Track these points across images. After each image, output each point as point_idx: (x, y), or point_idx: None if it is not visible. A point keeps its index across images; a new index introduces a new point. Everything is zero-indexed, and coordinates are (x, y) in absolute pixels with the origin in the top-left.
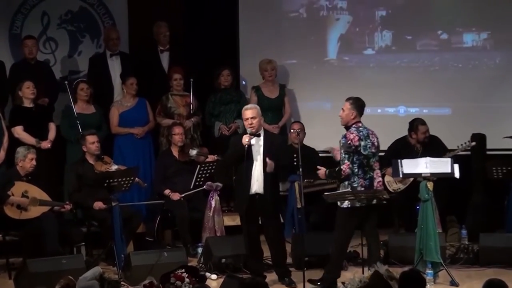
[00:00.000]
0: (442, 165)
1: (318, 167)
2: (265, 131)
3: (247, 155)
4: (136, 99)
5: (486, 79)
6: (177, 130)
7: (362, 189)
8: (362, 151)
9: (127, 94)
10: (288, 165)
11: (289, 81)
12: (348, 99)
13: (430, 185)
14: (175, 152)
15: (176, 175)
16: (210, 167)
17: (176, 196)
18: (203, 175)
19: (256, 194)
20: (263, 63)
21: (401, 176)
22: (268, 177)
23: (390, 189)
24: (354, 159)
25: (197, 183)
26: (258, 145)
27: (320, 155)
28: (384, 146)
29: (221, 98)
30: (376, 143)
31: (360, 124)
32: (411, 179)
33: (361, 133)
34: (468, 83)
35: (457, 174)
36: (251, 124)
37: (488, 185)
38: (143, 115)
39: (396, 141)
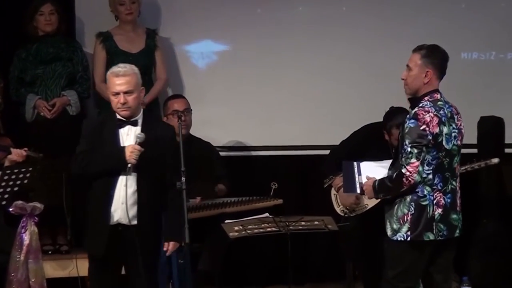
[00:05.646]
0: None
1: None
2: (146, 116)
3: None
4: None
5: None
6: None
7: (439, 211)
8: (444, 144)
9: None
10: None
11: (164, 24)
12: (418, 49)
13: None
14: None
15: None
16: (21, 175)
17: None
18: (8, 189)
19: (119, 225)
20: None
21: (358, 191)
22: (144, 196)
23: (339, 211)
24: (430, 158)
25: None
26: (130, 138)
27: (222, 154)
28: (336, 139)
29: (38, 52)
30: (463, 130)
31: (438, 96)
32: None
33: (441, 112)
34: (472, 27)
35: None
36: (124, 103)
37: (508, 206)
38: None
39: (364, 129)
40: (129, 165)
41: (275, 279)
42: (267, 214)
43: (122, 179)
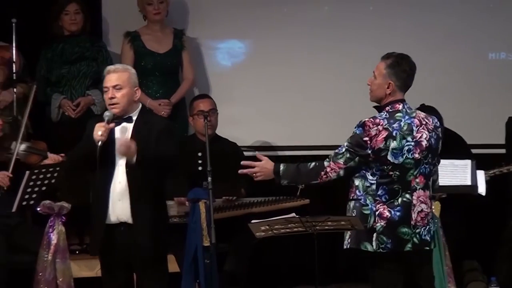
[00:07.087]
0: (456, 172)
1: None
2: (143, 112)
3: (100, 158)
4: None
5: None
6: None
7: (382, 223)
8: (390, 158)
9: None
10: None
11: (191, 24)
12: (386, 57)
13: (435, 207)
14: None
15: None
16: (49, 175)
17: None
18: (36, 189)
19: (121, 223)
20: None
21: None
22: (142, 193)
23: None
24: (374, 169)
25: (24, 202)
26: (124, 137)
27: (248, 154)
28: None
29: (63, 52)
30: (426, 143)
31: (400, 107)
32: None
33: (395, 125)
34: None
35: (482, 189)
36: (111, 98)
37: None
38: None
39: None
40: (99, 143)
41: (301, 279)
42: (293, 214)
43: (116, 176)
